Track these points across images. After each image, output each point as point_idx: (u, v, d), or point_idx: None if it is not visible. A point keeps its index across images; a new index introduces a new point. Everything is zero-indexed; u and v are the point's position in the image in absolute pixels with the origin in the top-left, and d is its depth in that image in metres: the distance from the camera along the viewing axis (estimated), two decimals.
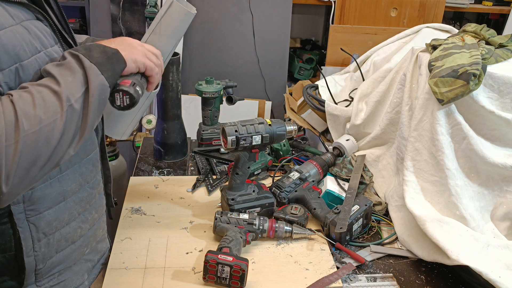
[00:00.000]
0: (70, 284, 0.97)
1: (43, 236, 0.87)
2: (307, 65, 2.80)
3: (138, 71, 0.90)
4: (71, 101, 0.74)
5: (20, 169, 0.69)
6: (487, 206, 1.24)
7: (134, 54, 0.88)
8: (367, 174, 1.46)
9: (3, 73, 0.72)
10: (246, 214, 1.20)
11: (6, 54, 0.72)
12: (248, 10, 2.53)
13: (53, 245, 0.90)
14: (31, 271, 0.88)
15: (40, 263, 0.88)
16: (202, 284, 1.05)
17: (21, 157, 0.68)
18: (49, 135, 0.71)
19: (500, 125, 1.22)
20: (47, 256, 0.89)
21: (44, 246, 0.88)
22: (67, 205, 0.90)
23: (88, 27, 2.56)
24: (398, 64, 1.49)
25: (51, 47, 0.82)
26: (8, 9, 0.74)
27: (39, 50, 0.78)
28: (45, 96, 0.72)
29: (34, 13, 0.81)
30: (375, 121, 1.54)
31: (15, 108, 0.69)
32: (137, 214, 1.29)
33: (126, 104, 0.87)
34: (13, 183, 0.69)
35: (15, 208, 0.82)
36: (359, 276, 1.11)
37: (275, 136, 1.24)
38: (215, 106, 1.64)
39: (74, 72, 0.76)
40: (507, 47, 1.27)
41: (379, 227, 1.31)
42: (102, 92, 0.79)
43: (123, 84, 0.86)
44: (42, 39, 0.80)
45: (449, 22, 3.01)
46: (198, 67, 2.59)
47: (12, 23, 0.74)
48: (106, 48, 0.83)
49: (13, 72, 0.74)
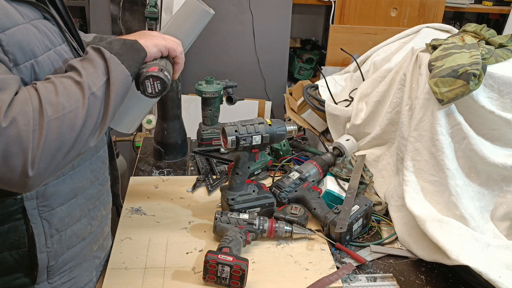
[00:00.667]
0: (80, 281, 0.99)
1: (55, 232, 0.88)
2: (307, 65, 2.80)
3: (161, 55, 0.92)
4: (92, 90, 0.76)
5: (46, 154, 0.71)
6: (487, 206, 1.24)
7: (153, 39, 0.90)
8: (367, 174, 1.46)
9: (17, 69, 0.74)
10: (246, 214, 1.20)
11: (21, 50, 0.74)
12: (248, 10, 2.53)
13: (65, 241, 0.91)
14: (44, 268, 0.89)
15: (52, 259, 0.89)
16: (202, 284, 1.05)
17: (46, 142, 0.70)
18: (72, 122, 0.73)
19: (500, 125, 1.22)
20: (59, 252, 0.90)
21: (56, 243, 0.89)
22: (78, 202, 0.92)
23: (88, 27, 2.56)
24: (398, 64, 1.49)
25: (59, 46, 0.83)
26: (18, 8, 0.76)
27: (49, 48, 0.80)
28: (67, 85, 0.75)
29: (42, 12, 0.82)
30: (375, 121, 1.54)
31: (39, 96, 0.71)
32: (137, 214, 1.29)
33: (158, 90, 0.88)
34: (39, 168, 0.70)
35: (29, 204, 0.83)
36: (359, 276, 1.11)
37: (275, 136, 1.24)
38: (215, 106, 1.64)
39: (95, 64, 0.79)
40: (507, 47, 1.27)
41: (379, 227, 1.31)
42: (123, 81, 0.81)
43: (151, 70, 0.86)
44: (51, 38, 0.81)
45: (449, 22, 3.01)
46: (198, 67, 2.59)
47: (23, 21, 0.76)
48: (125, 40, 0.86)
49: (28, 69, 0.76)
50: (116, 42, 0.84)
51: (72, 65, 0.79)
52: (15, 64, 0.73)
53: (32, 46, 0.75)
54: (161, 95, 0.90)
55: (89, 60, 0.80)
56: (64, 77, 0.76)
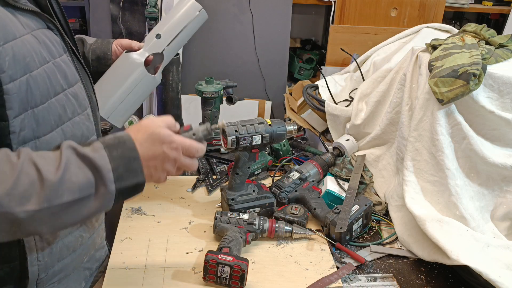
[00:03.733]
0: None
1: (46, 245, 0.87)
2: (307, 65, 2.80)
3: None
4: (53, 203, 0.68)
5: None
6: (487, 206, 1.24)
7: (155, 178, 0.82)
8: (367, 174, 1.46)
9: (14, 84, 0.72)
10: (246, 214, 1.20)
11: (17, 64, 0.72)
12: (248, 10, 2.53)
13: (56, 254, 0.89)
14: (34, 281, 0.87)
15: (42, 272, 0.88)
16: (202, 284, 1.05)
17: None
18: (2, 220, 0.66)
19: (500, 125, 1.22)
20: (49, 265, 0.89)
21: (47, 256, 0.87)
22: None
23: (88, 27, 2.56)
24: (398, 64, 1.49)
25: (60, 57, 0.82)
26: (20, 18, 0.75)
27: (47, 60, 0.78)
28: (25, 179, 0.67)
29: (45, 22, 0.81)
30: (375, 121, 1.54)
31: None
32: (137, 214, 1.29)
33: None
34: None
35: None
36: (359, 276, 1.11)
37: (275, 136, 1.24)
38: (215, 106, 1.64)
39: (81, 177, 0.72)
40: (507, 47, 1.27)
41: (379, 227, 1.31)
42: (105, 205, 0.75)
43: None
44: (50, 49, 0.80)
45: (449, 22, 3.01)
46: (198, 67, 2.59)
47: (23, 33, 0.74)
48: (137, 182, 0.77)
49: (24, 83, 0.73)
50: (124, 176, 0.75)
51: (63, 153, 0.72)
52: (11, 79, 0.71)
53: (28, 60, 0.73)
54: None
55: (83, 165, 0.72)
56: (33, 167, 0.68)
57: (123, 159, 0.75)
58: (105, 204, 0.74)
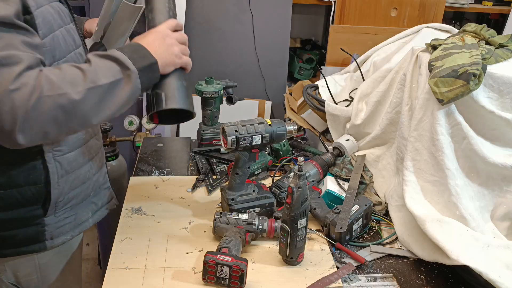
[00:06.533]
0: (78, 218, 1.17)
1: (65, 173, 1.08)
2: (307, 65, 2.80)
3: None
4: (95, 84, 0.87)
5: (34, 123, 0.82)
6: (487, 206, 1.24)
7: (172, 59, 1.01)
8: (367, 174, 1.46)
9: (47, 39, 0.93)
10: (246, 214, 1.20)
11: (45, 24, 0.93)
12: (248, 10, 2.53)
13: (70, 182, 1.10)
14: (54, 202, 1.07)
15: (60, 196, 1.08)
16: (202, 284, 1.05)
17: (35, 114, 0.81)
18: (63, 103, 0.84)
19: (500, 125, 1.22)
20: (65, 191, 1.09)
21: (64, 182, 1.08)
22: (82, 150, 1.12)
23: None
24: (398, 64, 1.49)
25: (68, 25, 1.03)
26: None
27: (61, 25, 1.00)
28: (71, 72, 0.87)
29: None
30: (375, 121, 1.54)
31: (43, 74, 0.83)
32: (137, 214, 1.29)
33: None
34: (25, 134, 0.82)
35: (46, 148, 1.02)
36: (359, 276, 1.11)
37: (275, 136, 1.24)
38: (215, 106, 1.64)
39: (108, 66, 0.91)
40: (507, 47, 1.26)
41: (379, 227, 1.31)
42: (134, 93, 0.94)
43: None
44: (62, 17, 1.01)
45: (449, 22, 3.01)
46: (198, 67, 2.59)
47: (45, 3, 0.95)
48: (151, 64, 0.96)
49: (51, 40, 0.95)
50: (138, 59, 0.94)
51: (88, 58, 0.91)
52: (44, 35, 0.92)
53: (52, 23, 0.95)
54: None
55: (106, 60, 0.92)
56: (74, 66, 0.89)
57: (132, 49, 0.96)
58: (135, 85, 0.93)
